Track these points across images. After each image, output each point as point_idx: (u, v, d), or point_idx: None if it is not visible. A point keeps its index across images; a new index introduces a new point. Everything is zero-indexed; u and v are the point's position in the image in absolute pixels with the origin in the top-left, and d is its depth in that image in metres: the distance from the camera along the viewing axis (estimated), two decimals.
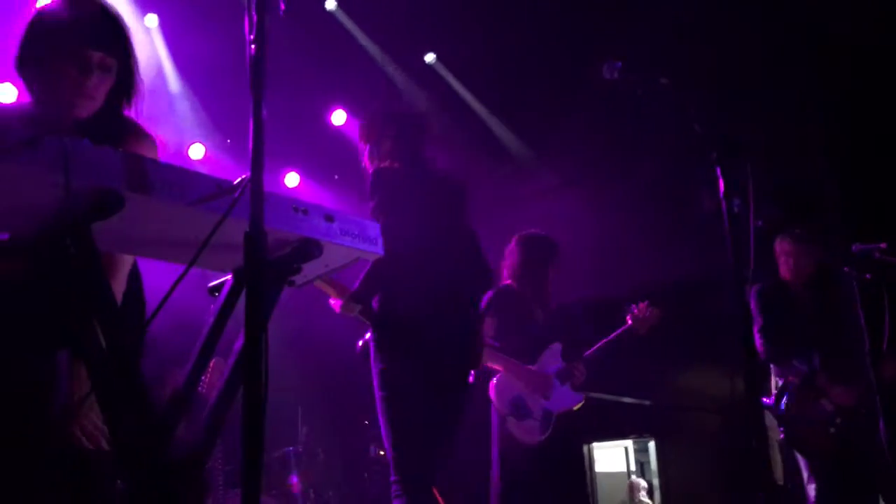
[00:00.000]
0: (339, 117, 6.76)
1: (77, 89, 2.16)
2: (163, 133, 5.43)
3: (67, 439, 2.06)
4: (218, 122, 6.43)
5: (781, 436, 4.27)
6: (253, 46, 1.78)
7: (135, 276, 2.36)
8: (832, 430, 4.04)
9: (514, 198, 6.85)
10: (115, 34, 2.23)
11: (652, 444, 5.92)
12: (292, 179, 7.03)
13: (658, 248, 6.12)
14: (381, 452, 5.81)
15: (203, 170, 3.99)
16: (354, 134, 6.96)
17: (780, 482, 4.98)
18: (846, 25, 5.00)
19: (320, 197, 6.95)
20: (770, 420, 5.32)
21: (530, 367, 4.49)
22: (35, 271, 1.90)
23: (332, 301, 3.62)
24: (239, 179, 1.82)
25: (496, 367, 4.44)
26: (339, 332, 6.79)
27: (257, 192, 1.69)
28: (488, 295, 4.58)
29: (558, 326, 4.65)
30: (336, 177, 7.31)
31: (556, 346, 4.57)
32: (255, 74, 1.78)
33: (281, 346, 5.96)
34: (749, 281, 2.45)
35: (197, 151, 6.51)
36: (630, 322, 4.69)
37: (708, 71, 5.05)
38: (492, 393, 4.42)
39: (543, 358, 4.53)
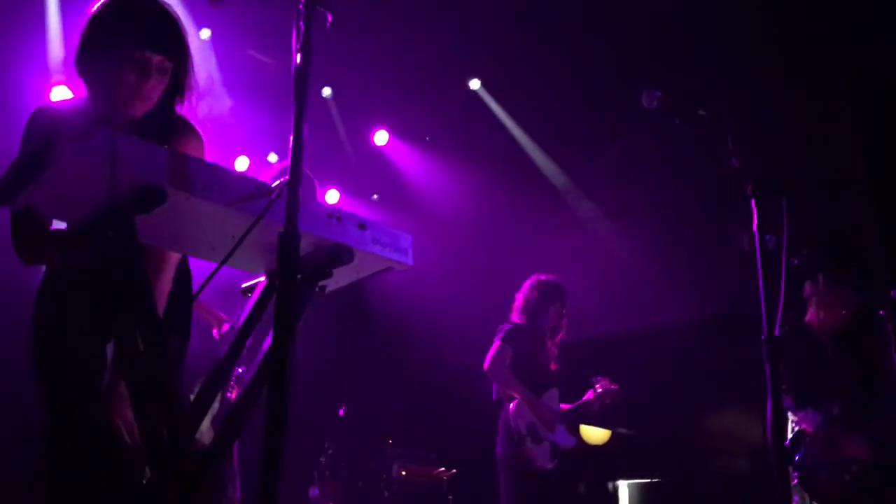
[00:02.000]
0: (381, 137, 6.85)
1: (134, 92, 2.21)
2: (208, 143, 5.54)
3: (109, 429, 2.09)
4: (263, 136, 6.55)
5: (794, 481, 4.15)
6: (299, 56, 1.83)
7: (184, 275, 2.40)
8: (847, 477, 3.93)
9: (550, 228, 6.85)
10: (175, 36, 2.27)
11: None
12: (332, 196, 7.12)
13: (695, 282, 6.06)
14: (404, 472, 5.81)
15: None
16: (395, 154, 7.11)
17: None
18: (886, 59, 4.96)
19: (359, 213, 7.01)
20: None
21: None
22: (88, 262, 1.96)
23: (214, 331, 3.79)
24: (277, 182, 1.87)
25: (514, 394, 4.72)
26: (370, 351, 6.86)
27: (294, 196, 1.74)
28: (505, 326, 4.86)
29: (560, 370, 4.92)
30: (375, 196, 7.40)
31: (554, 392, 4.86)
32: (300, 82, 1.83)
33: (317, 357, 6.01)
34: (778, 321, 2.43)
35: (242, 164, 6.64)
36: (600, 390, 4.90)
37: (752, 105, 5.03)
38: (511, 415, 4.67)
39: (546, 397, 4.81)
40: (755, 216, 2.42)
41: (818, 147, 5.37)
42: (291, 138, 1.81)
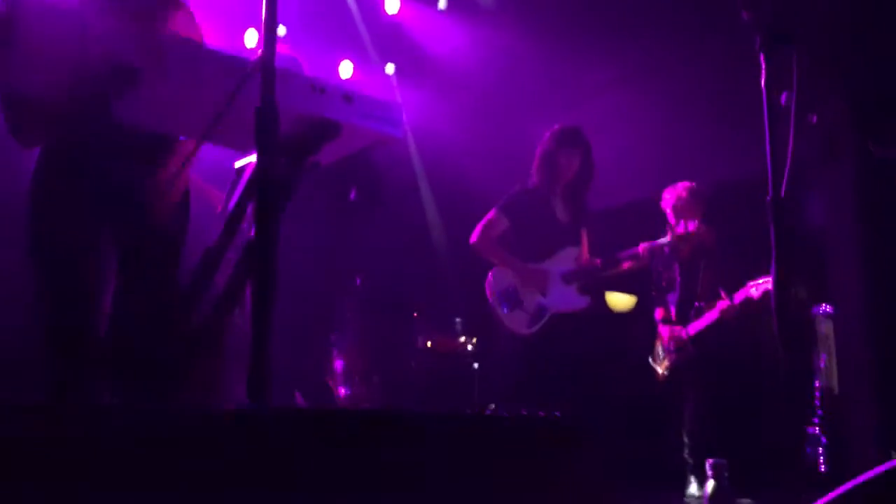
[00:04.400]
0: (392, 5, 6.59)
1: None
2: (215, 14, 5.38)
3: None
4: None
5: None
6: None
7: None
8: (666, 362, 4.95)
9: (570, 91, 6.67)
10: None
11: None
12: (346, 68, 6.96)
13: (723, 142, 5.89)
14: (429, 343, 5.95)
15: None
16: (410, 21, 6.88)
17: (836, 391, 5.04)
18: None
19: (373, 87, 6.89)
20: (828, 327, 5.27)
21: (532, 264, 4.50)
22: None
23: (219, 208, 3.73)
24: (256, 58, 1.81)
25: (493, 260, 4.58)
26: (383, 223, 6.89)
27: (268, 69, 1.68)
28: (511, 192, 4.59)
29: (582, 229, 4.61)
30: (390, 66, 7.22)
31: (570, 250, 4.54)
32: None
33: (328, 236, 6.05)
34: (785, 182, 2.36)
35: (251, 37, 6.47)
36: (669, 237, 4.56)
37: None
38: (487, 284, 4.58)
39: (556, 258, 4.51)
40: (763, 71, 2.30)
41: None
42: (264, 8, 1.73)
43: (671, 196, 4.99)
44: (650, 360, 5.14)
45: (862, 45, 4.96)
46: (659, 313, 5.05)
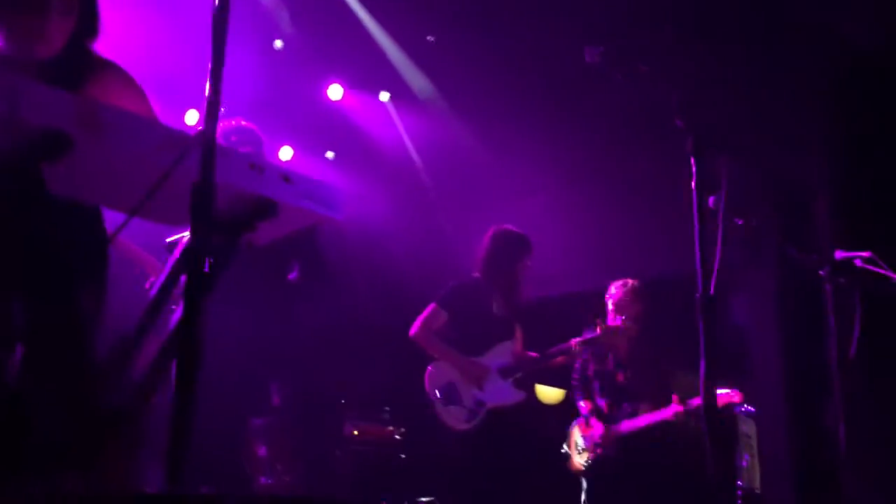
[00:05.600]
0: (335, 92, 6.69)
1: (35, 33, 2.12)
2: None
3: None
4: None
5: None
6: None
7: (98, 223, 2.29)
8: (587, 456, 4.93)
9: (501, 195, 6.80)
10: None
11: None
12: (286, 153, 6.98)
13: (649, 243, 6.05)
14: (356, 432, 5.81)
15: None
16: (351, 109, 6.98)
17: (758, 490, 5.04)
18: (846, 19, 4.86)
19: (313, 172, 6.89)
20: (750, 427, 5.32)
21: (470, 358, 4.52)
22: None
23: (147, 283, 3.71)
24: (195, 132, 1.79)
25: (434, 354, 4.58)
26: (320, 306, 6.80)
27: (209, 144, 1.66)
28: (448, 286, 4.66)
29: (517, 323, 4.68)
30: (330, 153, 7.28)
31: (506, 344, 4.59)
32: (217, 27, 1.73)
33: (261, 316, 5.92)
34: (713, 281, 2.42)
35: (192, 117, 6.45)
36: (599, 332, 4.69)
37: (694, 58, 4.90)
38: (426, 377, 4.57)
39: (492, 352, 4.55)
40: (694, 174, 2.39)
41: (771, 95, 5.26)
42: (208, 85, 1.72)
43: (617, 291, 5.06)
44: (565, 447, 5.08)
45: (787, 151, 5.21)
46: (587, 406, 4.99)
